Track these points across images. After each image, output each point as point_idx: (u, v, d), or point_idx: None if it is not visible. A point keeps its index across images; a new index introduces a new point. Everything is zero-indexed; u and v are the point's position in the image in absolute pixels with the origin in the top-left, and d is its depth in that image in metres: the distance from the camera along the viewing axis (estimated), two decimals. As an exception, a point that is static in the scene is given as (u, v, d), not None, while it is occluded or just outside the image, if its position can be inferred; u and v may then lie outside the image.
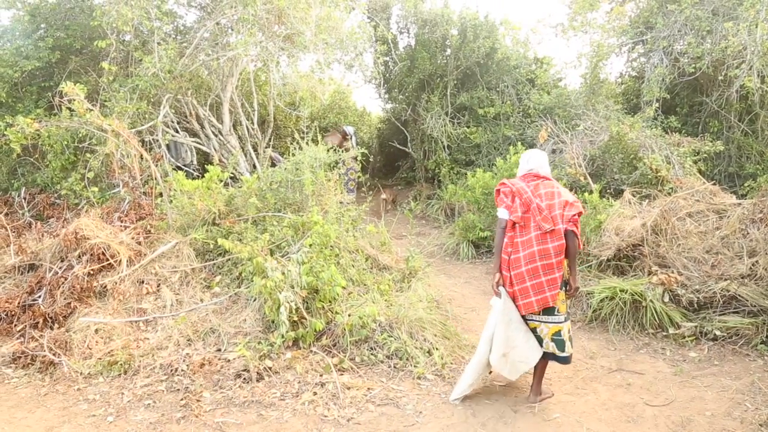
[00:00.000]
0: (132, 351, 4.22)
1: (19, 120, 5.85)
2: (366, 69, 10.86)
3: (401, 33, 11.54)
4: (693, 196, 6.34)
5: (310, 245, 4.83)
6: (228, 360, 4.16)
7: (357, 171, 9.03)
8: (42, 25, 8.14)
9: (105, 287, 4.87)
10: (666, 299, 4.99)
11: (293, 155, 6.07)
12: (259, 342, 4.32)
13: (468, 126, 10.64)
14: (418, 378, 4.07)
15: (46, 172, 7.21)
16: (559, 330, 3.60)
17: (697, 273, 5.17)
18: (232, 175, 6.80)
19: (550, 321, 3.60)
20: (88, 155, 6.70)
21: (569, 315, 3.80)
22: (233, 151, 7.96)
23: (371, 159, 12.03)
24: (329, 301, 4.59)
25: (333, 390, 3.85)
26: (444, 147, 10.49)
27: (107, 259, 5.03)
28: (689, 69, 8.35)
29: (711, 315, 4.86)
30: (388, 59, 11.09)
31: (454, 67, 10.60)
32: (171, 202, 5.77)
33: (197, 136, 8.32)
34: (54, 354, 4.22)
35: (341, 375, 4.03)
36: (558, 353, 3.62)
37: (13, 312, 4.74)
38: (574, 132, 8.52)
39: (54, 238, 5.52)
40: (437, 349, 4.34)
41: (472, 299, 5.97)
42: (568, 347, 3.61)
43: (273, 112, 9.25)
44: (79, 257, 5.09)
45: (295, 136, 6.50)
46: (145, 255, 5.23)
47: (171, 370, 4.07)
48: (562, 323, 3.60)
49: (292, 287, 4.35)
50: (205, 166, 6.48)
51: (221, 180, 5.87)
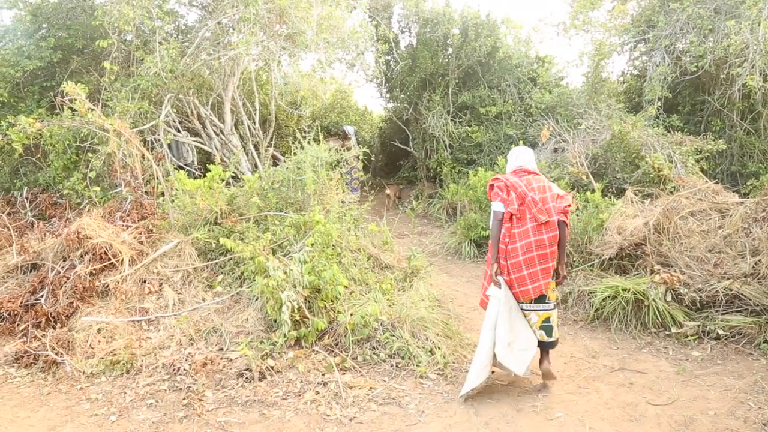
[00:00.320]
0: (134, 350, 4.23)
1: (21, 120, 5.86)
2: (367, 68, 10.87)
3: (403, 32, 11.55)
4: (695, 195, 6.33)
5: (312, 244, 4.82)
6: (230, 359, 4.16)
7: (360, 170, 9.04)
8: (44, 25, 8.16)
9: (107, 287, 4.87)
10: (668, 298, 4.98)
11: (295, 154, 6.07)
12: (262, 341, 4.32)
13: (470, 125, 10.62)
14: (420, 377, 4.07)
15: (48, 171, 7.24)
16: (549, 317, 3.88)
17: (700, 272, 5.16)
18: (233, 175, 6.81)
19: (540, 309, 3.87)
20: (90, 155, 6.72)
21: (558, 303, 4.13)
22: (235, 151, 7.97)
23: (373, 158, 12.03)
24: (331, 301, 4.59)
25: (335, 389, 3.85)
26: (446, 146, 10.48)
27: (109, 259, 5.04)
28: (691, 67, 8.33)
29: (713, 314, 4.85)
30: (389, 58, 11.09)
31: (455, 66, 10.59)
32: (173, 201, 5.77)
33: (199, 135, 8.33)
34: (56, 353, 4.22)
35: (343, 374, 4.02)
36: (546, 339, 3.89)
37: (16, 311, 4.75)
38: (576, 131, 8.51)
39: (56, 237, 5.53)
40: (439, 349, 4.33)
41: (474, 298, 5.95)
42: (555, 332, 3.91)
43: (274, 111, 9.26)
44: (82, 257, 5.09)
45: (297, 135, 6.49)
46: (147, 254, 5.23)
47: (173, 369, 4.07)
48: (551, 310, 3.89)
49: (294, 286, 4.35)
50: (207, 165, 6.48)
51: (223, 179, 5.87)
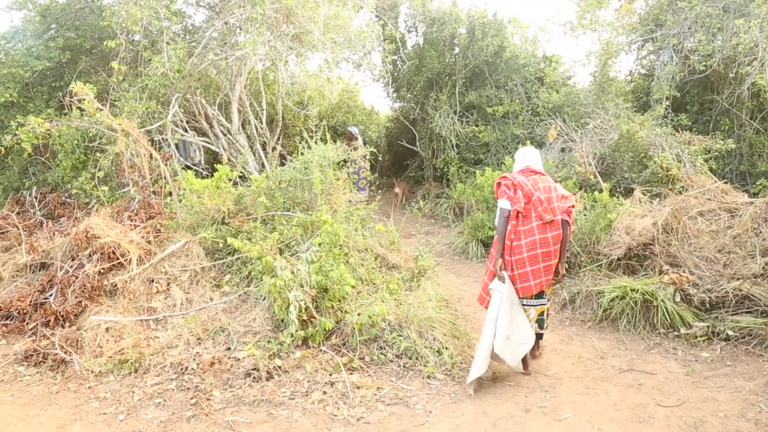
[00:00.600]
0: (142, 349, 4.25)
1: (30, 120, 5.89)
2: (374, 68, 10.85)
3: (409, 32, 11.51)
4: (704, 194, 6.28)
5: (319, 244, 4.82)
6: (238, 359, 4.17)
7: (367, 170, 9.03)
8: (52, 26, 8.20)
9: (115, 286, 4.89)
10: (677, 299, 4.94)
11: (302, 154, 6.08)
12: (269, 341, 4.33)
13: (477, 125, 10.58)
14: (427, 377, 4.06)
15: (56, 171, 7.28)
16: (544, 311, 4.15)
17: (709, 272, 5.12)
18: (241, 174, 6.82)
19: (538, 304, 4.11)
20: (98, 155, 6.76)
21: (550, 296, 4.66)
22: (242, 150, 7.98)
23: (380, 158, 12.02)
24: (338, 300, 4.59)
25: (342, 389, 3.85)
26: (452, 146, 10.45)
27: (117, 258, 5.06)
28: (700, 66, 8.27)
29: (723, 315, 4.81)
30: (396, 58, 11.07)
31: (462, 66, 10.56)
32: (180, 201, 5.79)
33: (206, 135, 8.35)
34: (65, 352, 4.25)
35: (351, 374, 4.02)
36: (539, 330, 4.20)
37: (25, 310, 4.79)
38: (583, 130, 8.46)
39: (65, 236, 5.56)
40: (447, 349, 4.32)
41: (481, 298, 5.94)
42: (545, 323, 4.24)
43: (281, 111, 9.27)
44: (90, 256, 5.12)
45: (304, 135, 6.50)
46: (155, 254, 5.25)
47: (181, 368, 4.09)
48: (545, 304, 4.16)
49: (301, 286, 4.35)
50: (214, 165, 6.50)
51: (230, 179, 5.89)
